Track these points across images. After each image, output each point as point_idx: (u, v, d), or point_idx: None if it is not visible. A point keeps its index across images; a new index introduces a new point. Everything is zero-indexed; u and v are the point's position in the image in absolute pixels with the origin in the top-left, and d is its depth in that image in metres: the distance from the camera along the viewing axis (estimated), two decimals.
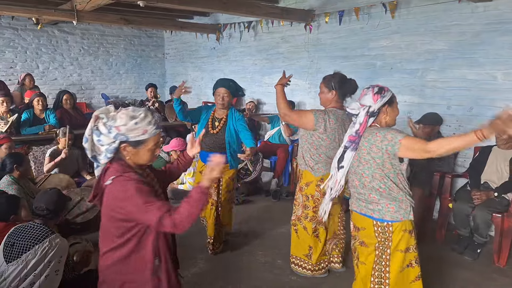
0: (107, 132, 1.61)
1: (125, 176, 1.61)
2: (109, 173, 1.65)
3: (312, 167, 2.91)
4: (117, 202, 1.60)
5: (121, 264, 1.69)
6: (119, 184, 1.60)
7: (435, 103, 4.34)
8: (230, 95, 3.29)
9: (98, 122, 1.64)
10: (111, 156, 1.66)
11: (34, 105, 5.12)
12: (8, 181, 3.39)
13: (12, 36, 7.35)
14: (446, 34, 4.19)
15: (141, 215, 1.57)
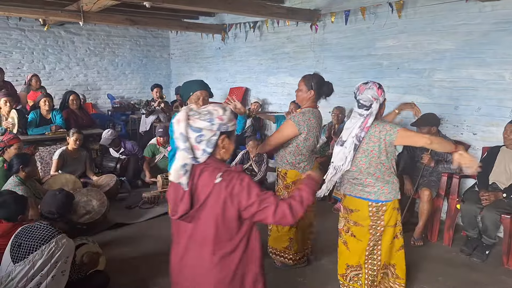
0: (209, 124, 1.56)
1: (233, 171, 1.57)
2: (209, 172, 1.56)
3: (297, 165, 2.98)
4: (232, 198, 1.54)
5: (233, 268, 1.62)
6: (232, 178, 1.54)
7: (442, 103, 4.31)
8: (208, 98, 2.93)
9: (190, 120, 1.57)
10: (211, 150, 1.59)
11: (41, 106, 5.16)
12: (15, 181, 3.41)
13: (19, 37, 7.41)
14: (454, 34, 4.15)
15: (258, 207, 1.55)
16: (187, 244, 1.65)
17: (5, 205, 2.71)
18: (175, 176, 1.57)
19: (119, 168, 5.18)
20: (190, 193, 1.56)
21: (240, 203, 1.54)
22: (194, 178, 1.58)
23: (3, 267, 2.34)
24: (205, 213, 1.57)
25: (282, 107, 6.27)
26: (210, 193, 1.54)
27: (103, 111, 8.38)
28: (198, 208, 1.56)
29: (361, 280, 2.67)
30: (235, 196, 1.53)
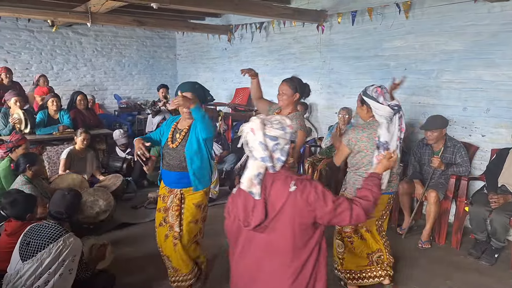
0: (283, 133, 1.59)
1: (304, 179, 1.59)
2: (282, 180, 1.57)
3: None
4: (308, 206, 1.55)
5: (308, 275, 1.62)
6: (306, 186, 1.56)
7: (450, 104, 4.27)
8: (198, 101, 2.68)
9: (266, 129, 1.58)
10: (284, 159, 1.61)
11: (49, 106, 5.20)
12: (22, 180, 3.44)
13: (28, 38, 7.48)
14: (462, 35, 4.11)
15: (335, 213, 1.58)
16: (259, 256, 1.64)
17: (14, 203, 2.74)
18: (248, 184, 1.58)
19: (125, 168, 5.20)
20: (264, 202, 1.56)
21: (316, 210, 1.56)
22: (266, 188, 1.59)
23: (12, 265, 2.36)
24: (281, 222, 1.57)
25: None
26: (285, 202, 1.55)
27: (110, 112, 8.43)
28: (273, 217, 1.56)
29: (384, 259, 2.86)
30: (311, 204, 1.55)
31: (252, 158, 1.59)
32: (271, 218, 1.57)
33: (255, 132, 1.56)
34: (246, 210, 1.61)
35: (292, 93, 2.93)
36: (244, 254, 1.70)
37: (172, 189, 2.73)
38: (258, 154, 1.56)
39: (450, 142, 3.84)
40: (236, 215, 1.66)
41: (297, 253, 1.59)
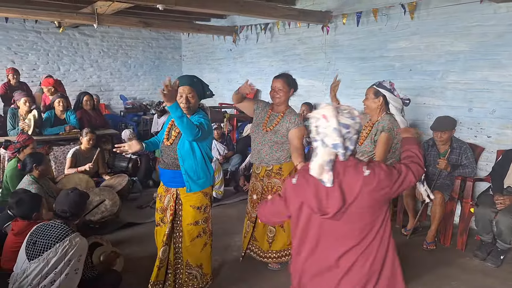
0: (353, 122, 1.60)
1: (371, 162, 1.66)
2: (353, 167, 1.61)
3: (291, 155, 3.02)
4: (382, 185, 1.60)
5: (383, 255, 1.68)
6: (375, 167, 1.62)
7: (456, 105, 4.25)
8: (196, 95, 2.62)
9: (338, 116, 1.59)
10: (353, 148, 1.63)
11: (55, 106, 5.25)
12: (29, 180, 3.47)
13: (35, 39, 7.55)
14: (468, 35, 4.09)
15: (403, 180, 1.66)
16: (332, 244, 1.66)
17: (20, 203, 2.77)
18: (319, 171, 1.58)
19: (131, 168, 5.24)
20: (340, 189, 1.57)
21: (389, 187, 1.62)
22: (339, 175, 1.59)
23: (18, 264, 2.38)
24: (358, 207, 1.59)
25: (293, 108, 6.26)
26: (362, 187, 1.57)
27: (116, 112, 8.49)
28: (351, 203, 1.58)
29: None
30: (384, 181, 1.60)
31: (323, 145, 1.59)
32: (348, 204, 1.58)
33: (328, 118, 1.56)
34: (318, 199, 1.60)
35: (288, 89, 3.01)
36: (317, 246, 1.69)
37: (169, 188, 2.74)
38: (331, 140, 1.57)
39: (456, 143, 3.83)
40: (306, 204, 1.65)
41: (370, 234, 1.63)
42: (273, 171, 3.10)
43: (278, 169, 3.09)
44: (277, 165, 3.08)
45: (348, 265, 1.63)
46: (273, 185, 3.13)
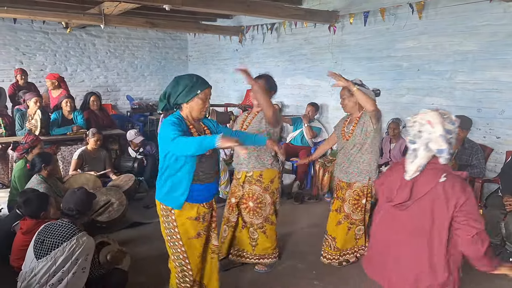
0: (454, 128, 1.68)
1: (458, 175, 1.70)
2: (435, 171, 1.67)
3: (272, 163, 2.99)
4: (450, 199, 1.64)
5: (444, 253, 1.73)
6: (455, 182, 1.65)
7: (464, 105, 4.22)
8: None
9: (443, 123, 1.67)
10: (452, 152, 1.71)
11: (63, 107, 5.28)
12: (37, 180, 3.50)
13: (43, 39, 7.61)
14: (477, 35, 4.06)
15: (465, 218, 1.64)
16: (397, 231, 1.81)
17: (28, 202, 2.79)
18: (416, 172, 1.70)
19: (137, 167, 5.26)
20: (411, 185, 1.70)
21: (456, 205, 1.65)
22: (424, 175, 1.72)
23: (26, 263, 2.40)
24: (422, 206, 1.70)
25: (299, 109, 6.25)
26: (431, 189, 1.67)
27: (122, 112, 8.53)
28: (416, 200, 1.70)
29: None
30: (453, 197, 1.64)
31: (426, 149, 1.67)
32: (413, 200, 1.71)
33: (433, 125, 1.65)
34: (391, 188, 1.79)
35: (267, 92, 2.95)
36: (382, 226, 1.89)
37: (207, 203, 2.38)
38: (436, 146, 1.65)
39: (468, 143, 3.80)
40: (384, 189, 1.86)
41: (434, 235, 1.70)
42: (254, 177, 3.01)
43: (258, 176, 2.99)
44: (257, 171, 3.00)
45: (396, 253, 1.81)
46: (253, 192, 3.02)
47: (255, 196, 3.01)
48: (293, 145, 5.68)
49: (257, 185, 3.01)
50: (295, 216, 4.52)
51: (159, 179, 2.33)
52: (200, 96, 2.16)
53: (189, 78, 2.19)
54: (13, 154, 4.68)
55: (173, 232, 2.31)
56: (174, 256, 2.36)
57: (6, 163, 4.95)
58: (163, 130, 2.15)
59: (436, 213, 1.68)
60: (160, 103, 2.27)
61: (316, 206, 4.81)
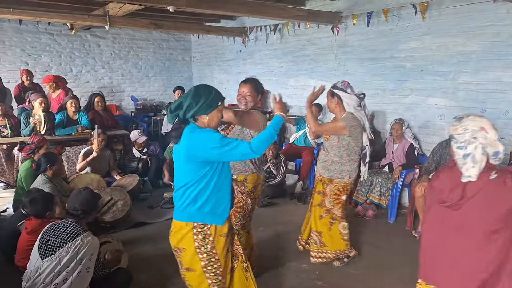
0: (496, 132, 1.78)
1: (506, 170, 1.79)
2: (485, 169, 1.75)
3: (259, 167, 2.91)
4: (504, 195, 1.71)
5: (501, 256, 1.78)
6: (506, 178, 1.73)
7: (467, 106, 4.20)
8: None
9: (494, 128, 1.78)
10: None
11: (68, 107, 5.33)
12: (43, 179, 3.54)
13: (48, 40, 7.67)
14: (480, 35, 4.04)
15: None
16: (449, 231, 1.84)
17: (34, 202, 2.82)
18: (475, 174, 1.75)
19: (141, 167, 5.29)
20: (463, 185, 1.76)
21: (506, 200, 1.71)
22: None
23: (31, 262, 2.43)
24: (475, 205, 1.76)
25: (302, 109, 6.26)
26: (482, 187, 1.73)
27: (127, 113, 8.57)
28: (468, 199, 1.76)
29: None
30: (508, 193, 1.71)
31: (483, 153, 1.74)
32: (466, 200, 1.76)
33: (487, 130, 1.74)
34: (441, 189, 1.84)
35: (256, 95, 2.89)
36: (434, 228, 1.91)
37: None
38: (493, 149, 1.74)
39: None
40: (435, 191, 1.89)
41: (489, 235, 1.74)
42: (237, 181, 2.89)
43: (243, 180, 2.89)
44: (241, 175, 2.86)
45: (451, 253, 1.84)
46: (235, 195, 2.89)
47: (236, 199, 2.87)
48: (296, 145, 5.69)
49: (239, 188, 2.89)
50: (298, 216, 4.52)
51: (192, 200, 2.04)
52: (219, 107, 2.12)
53: (209, 89, 2.09)
54: (19, 155, 4.73)
55: (211, 254, 2.09)
56: (212, 280, 2.13)
57: (12, 163, 5.00)
58: (203, 145, 1.96)
59: (490, 210, 1.74)
60: (170, 115, 2.07)
61: None
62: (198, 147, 1.97)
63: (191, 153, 1.99)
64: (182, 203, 2.06)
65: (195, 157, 1.99)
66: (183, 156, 2.02)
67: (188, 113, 2.02)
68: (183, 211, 2.06)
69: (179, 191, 2.08)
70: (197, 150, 1.97)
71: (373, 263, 3.41)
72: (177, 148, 2.08)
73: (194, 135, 2.00)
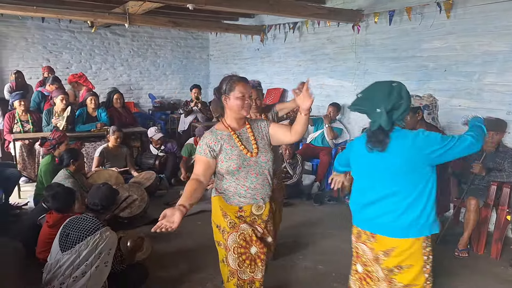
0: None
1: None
2: None
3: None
4: None
5: None
6: None
7: (493, 107, 4.07)
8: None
9: None
10: None
11: (87, 104, 5.40)
12: (65, 174, 3.59)
13: (69, 38, 7.81)
14: (507, 35, 3.91)
15: None
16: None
17: (57, 196, 2.86)
18: None
19: (158, 165, 5.32)
20: None
21: None
22: None
23: (52, 255, 2.45)
24: None
25: (320, 109, 6.19)
26: None
27: (145, 110, 8.66)
28: None
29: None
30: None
31: None
32: None
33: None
34: None
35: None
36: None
37: None
38: None
39: (502, 148, 3.67)
40: None
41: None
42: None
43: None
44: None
45: None
46: None
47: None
48: (313, 145, 5.63)
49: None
50: (315, 217, 4.48)
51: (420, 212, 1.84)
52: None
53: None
54: (40, 149, 4.81)
55: (431, 264, 1.97)
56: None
57: (33, 158, 5.10)
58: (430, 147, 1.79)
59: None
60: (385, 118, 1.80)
61: (337, 208, 4.75)
62: (424, 151, 1.80)
63: (416, 159, 1.81)
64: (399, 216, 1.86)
65: (420, 162, 1.82)
66: (402, 164, 1.83)
67: (402, 115, 1.84)
68: (409, 225, 1.84)
69: (385, 204, 1.89)
70: (422, 154, 1.80)
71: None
72: (374, 156, 1.88)
73: (419, 139, 1.82)
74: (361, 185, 2.01)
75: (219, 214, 2.20)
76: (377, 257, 1.93)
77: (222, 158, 2.11)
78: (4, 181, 4.07)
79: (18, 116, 5.20)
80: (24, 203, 4.36)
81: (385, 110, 1.78)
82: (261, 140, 2.20)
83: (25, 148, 5.04)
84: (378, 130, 1.83)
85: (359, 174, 2.02)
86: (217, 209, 2.22)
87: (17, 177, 4.36)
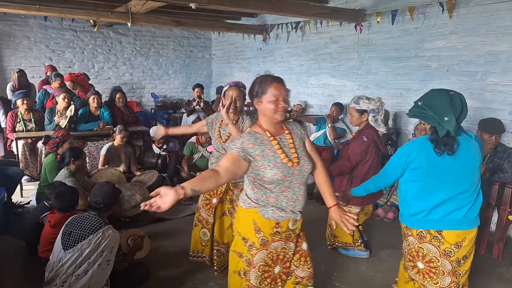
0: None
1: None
2: None
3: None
4: None
5: None
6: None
7: (495, 108, 4.06)
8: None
9: None
10: None
11: (90, 103, 5.41)
12: (65, 173, 3.60)
13: (71, 37, 7.83)
14: (510, 35, 3.90)
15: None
16: None
17: (61, 196, 2.87)
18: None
19: (160, 164, 5.32)
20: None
21: None
22: None
23: (54, 253, 2.47)
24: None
25: (323, 108, 6.19)
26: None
27: (147, 110, 8.67)
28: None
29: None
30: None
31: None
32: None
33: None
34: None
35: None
36: None
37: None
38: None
39: (500, 147, 3.66)
40: None
41: None
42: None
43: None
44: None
45: None
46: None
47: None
48: (315, 145, 5.62)
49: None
50: (317, 217, 4.47)
51: (476, 205, 2.15)
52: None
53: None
54: (43, 148, 4.83)
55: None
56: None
57: (35, 157, 5.11)
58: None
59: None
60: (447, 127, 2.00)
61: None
62: (481, 151, 2.18)
63: (479, 158, 2.12)
64: (469, 209, 2.11)
65: (480, 160, 2.14)
66: (474, 163, 2.10)
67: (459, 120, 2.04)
68: (475, 217, 2.14)
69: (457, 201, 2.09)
70: (481, 154, 2.16)
71: (393, 266, 3.33)
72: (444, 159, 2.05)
73: (478, 140, 2.17)
74: (426, 190, 2.13)
75: (251, 228, 2.00)
76: (446, 252, 2.11)
77: (265, 165, 1.90)
78: (7, 179, 4.09)
79: (21, 115, 5.22)
80: (27, 201, 4.39)
81: (454, 118, 1.97)
82: (300, 147, 2.05)
83: (27, 146, 5.06)
84: (446, 136, 2.00)
85: (427, 179, 2.11)
86: (249, 222, 2.01)
87: (19, 176, 4.37)
